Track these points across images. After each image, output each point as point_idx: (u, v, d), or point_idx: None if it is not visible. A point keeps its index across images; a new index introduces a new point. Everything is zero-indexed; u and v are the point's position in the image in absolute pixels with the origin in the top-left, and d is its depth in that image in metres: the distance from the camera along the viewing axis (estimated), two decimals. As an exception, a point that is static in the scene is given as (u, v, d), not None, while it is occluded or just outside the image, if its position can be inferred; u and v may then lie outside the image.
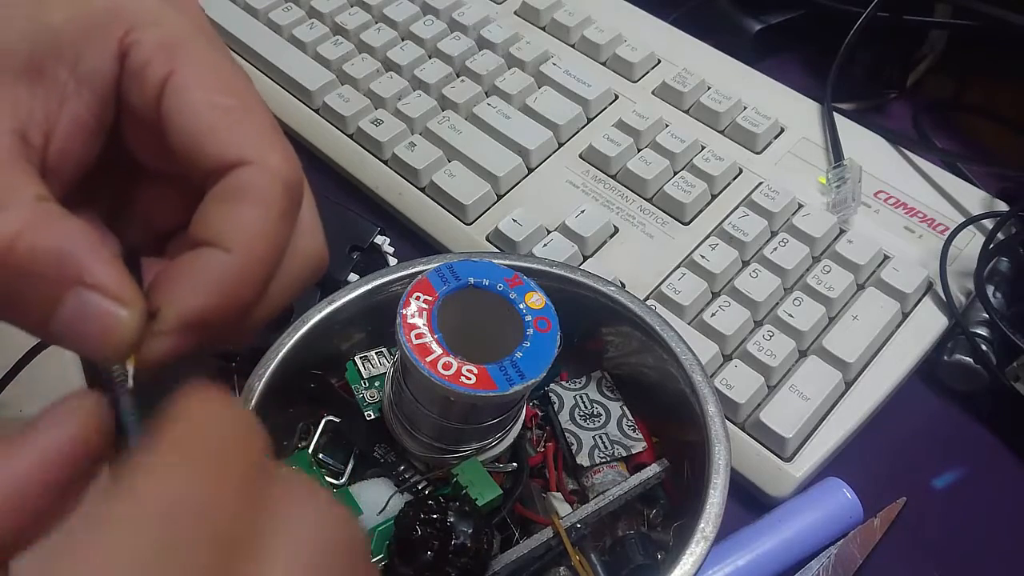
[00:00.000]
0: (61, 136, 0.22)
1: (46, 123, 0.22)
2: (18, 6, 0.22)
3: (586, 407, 0.36)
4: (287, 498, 0.18)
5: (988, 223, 0.45)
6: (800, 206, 0.46)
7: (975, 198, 0.47)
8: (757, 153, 0.49)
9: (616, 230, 0.45)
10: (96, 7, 0.22)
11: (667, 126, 0.49)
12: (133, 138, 0.24)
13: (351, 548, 0.19)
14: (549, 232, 0.45)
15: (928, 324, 0.42)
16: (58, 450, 0.18)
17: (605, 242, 0.45)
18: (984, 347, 0.40)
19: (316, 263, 0.24)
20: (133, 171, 0.25)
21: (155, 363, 0.21)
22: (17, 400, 0.40)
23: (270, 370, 0.33)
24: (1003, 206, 0.46)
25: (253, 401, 0.32)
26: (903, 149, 0.50)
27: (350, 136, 0.50)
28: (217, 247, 0.21)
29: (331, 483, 0.32)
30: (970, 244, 0.45)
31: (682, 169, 0.47)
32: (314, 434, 0.34)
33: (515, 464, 0.34)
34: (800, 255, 0.43)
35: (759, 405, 0.39)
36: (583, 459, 0.34)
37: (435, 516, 0.29)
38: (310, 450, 0.34)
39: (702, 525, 0.29)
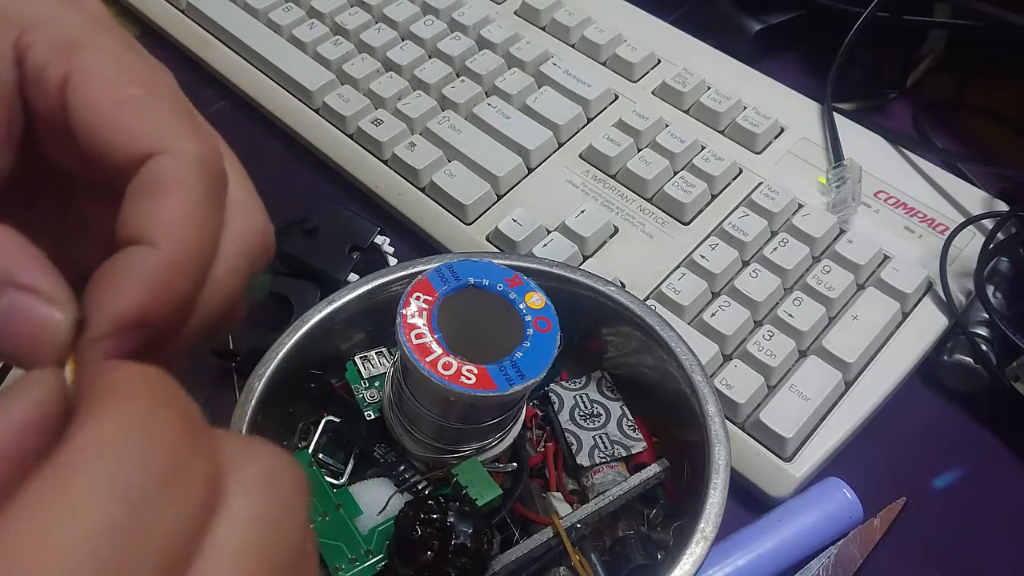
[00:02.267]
0: None
1: None
2: None
3: (586, 407, 0.36)
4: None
5: (988, 223, 0.45)
6: (800, 206, 0.46)
7: (975, 198, 0.47)
8: (757, 153, 0.49)
9: (616, 230, 0.45)
10: None
11: (667, 126, 0.49)
12: (50, 147, 0.23)
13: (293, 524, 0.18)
14: (549, 232, 0.45)
15: (928, 324, 0.42)
16: (21, 418, 0.17)
17: (605, 242, 0.45)
18: (984, 347, 0.40)
19: (259, 239, 0.23)
20: (66, 185, 0.24)
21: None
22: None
23: (270, 370, 0.33)
24: (1003, 206, 0.46)
25: (253, 401, 0.32)
26: (903, 149, 0.50)
27: (350, 136, 0.50)
28: (142, 243, 0.20)
29: (331, 483, 0.32)
30: (970, 244, 0.45)
31: (682, 169, 0.47)
32: (314, 434, 0.34)
33: (515, 464, 0.34)
34: (800, 255, 0.43)
35: (759, 405, 0.39)
36: (583, 459, 0.34)
37: (435, 516, 0.29)
38: (310, 450, 0.34)
39: (702, 525, 0.29)
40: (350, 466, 0.34)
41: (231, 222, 0.22)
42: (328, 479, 0.32)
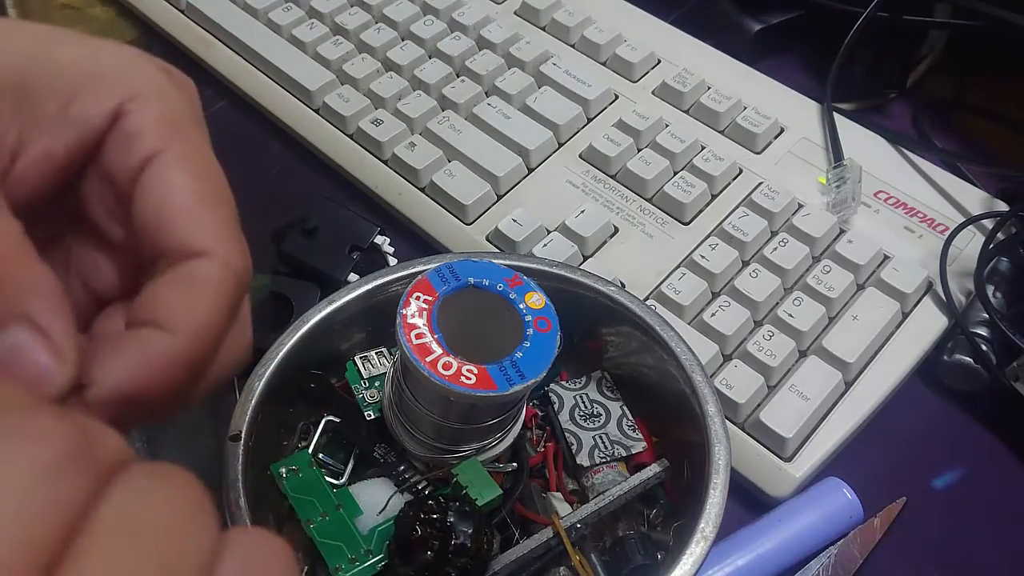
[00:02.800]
0: (26, 161, 0.22)
1: (17, 145, 0.22)
2: (27, 36, 0.23)
3: (586, 407, 0.36)
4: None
5: (988, 223, 0.45)
6: (800, 206, 0.46)
7: (975, 198, 0.47)
8: (757, 153, 0.49)
9: (616, 230, 0.45)
10: (105, 62, 0.23)
11: (667, 126, 0.49)
12: (93, 194, 0.24)
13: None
14: (549, 232, 0.45)
15: (928, 324, 0.42)
16: None
17: (605, 242, 0.45)
18: (984, 347, 0.40)
19: (244, 352, 0.24)
20: (77, 227, 0.25)
21: (105, 395, 0.20)
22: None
23: (270, 370, 0.33)
24: (1003, 206, 0.46)
25: (253, 401, 0.32)
26: (903, 149, 0.50)
27: (350, 136, 0.50)
28: (163, 329, 0.21)
29: (331, 483, 0.32)
30: (970, 244, 0.45)
31: (682, 169, 0.47)
32: (314, 434, 0.34)
33: (515, 464, 0.34)
34: (800, 255, 0.43)
35: (759, 405, 0.39)
36: (583, 459, 0.34)
37: (435, 516, 0.29)
38: (310, 450, 0.34)
39: (702, 525, 0.29)
40: (350, 466, 0.34)
41: (230, 332, 0.23)
42: (328, 479, 0.32)
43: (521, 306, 0.31)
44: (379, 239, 0.43)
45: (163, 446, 0.39)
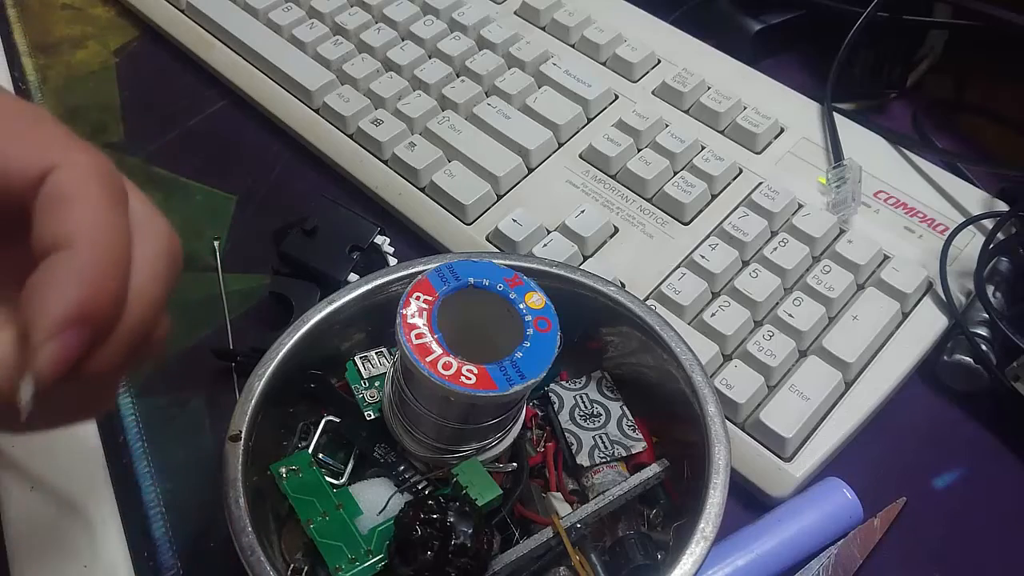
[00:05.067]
0: None
1: None
2: None
3: (586, 407, 0.36)
4: None
5: (988, 223, 0.45)
6: (800, 206, 0.46)
7: (975, 198, 0.47)
8: (757, 153, 0.49)
9: (616, 230, 0.45)
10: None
11: (667, 126, 0.49)
12: None
13: None
14: (549, 232, 0.45)
15: (928, 324, 0.42)
16: None
17: (605, 242, 0.45)
18: (984, 347, 0.40)
19: (167, 246, 0.25)
20: None
21: (51, 374, 0.21)
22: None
23: (270, 370, 0.33)
24: (1003, 206, 0.46)
25: (253, 401, 0.32)
26: (903, 149, 0.50)
27: (350, 136, 0.50)
28: (60, 249, 0.22)
29: (331, 483, 0.32)
30: (970, 244, 0.45)
31: (682, 169, 0.47)
32: (314, 434, 0.34)
33: (515, 464, 0.34)
34: (800, 255, 0.43)
35: (759, 405, 0.39)
36: (583, 459, 0.34)
37: (435, 516, 0.29)
38: (310, 450, 0.34)
39: (702, 525, 0.29)
40: (350, 466, 0.34)
41: (138, 231, 0.24)
42: (328, 479, 0.33)
43: (521, 306, 0.31)
44: (379, 239, 0.43)
45: (163, 446, 0.39)
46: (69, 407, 0.25)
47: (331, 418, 0.34)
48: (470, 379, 0.28)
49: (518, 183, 0.48)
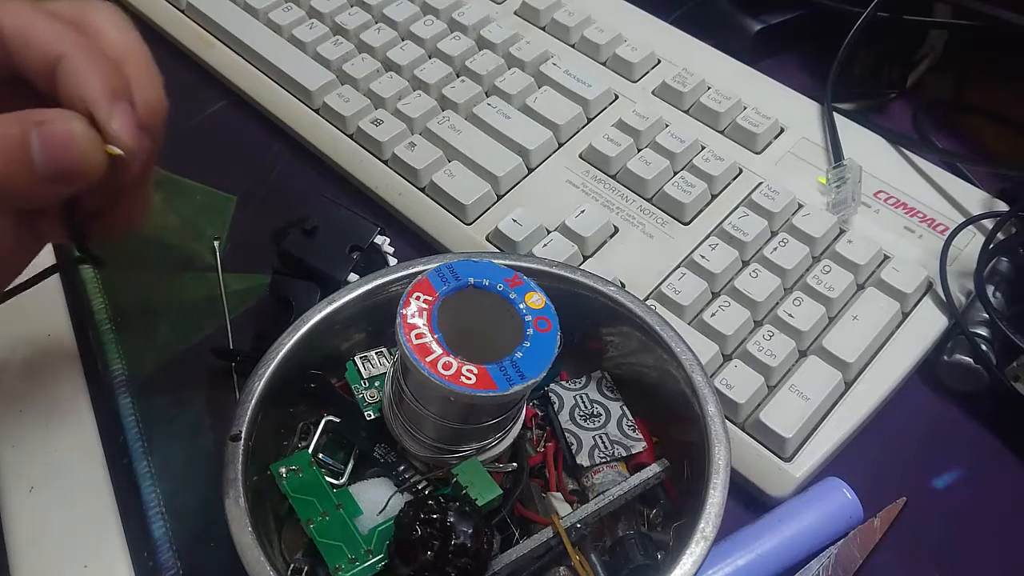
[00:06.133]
0: None
1: None
2: None
3: (586, 407, 0.36)
4: None
5: (988, 223, 0.45)
6: (800, 206, 0.46)
7: (975, 198, 0.47)
8: (757, 153, 0.49)
9: (616, 230, 0.45)
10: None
11: (667, 126, 0.49)
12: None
13: None
14: (549, 232, 0.45)
15: (928, 324, 0.42)
16: None
17: (605, 242, 0.45)
18: (984, 347, 0.40)
19: (157, 95, 0.33)
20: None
21: (126, 131, 0.29)
22: (18, 398, 0.40)
23: (270, 370, 0.33)
24: (1003, 206, 0.46)
25: (253, 401, 0.32)
26: (903, 149, 0.50)
27: (350, 136, 0.50)
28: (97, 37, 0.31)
29: (331, 483, 0.32)
30: (970, 244, 0.45)
31: (682, 169, 0.47)
32: (314, 434, 0.34)
33: (515, 464, 0.34)
34: (800, 255, 0.43)
35: (759, 405, 0.39)
36: (583, 459, 0.34)
37: (435, 516, 0.29)
38: (310, 450, 0.34)
39: (702, 525, 0.29)
40: (350, 466, 0.34)
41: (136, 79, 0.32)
42: (328, 479, 0.33)
43: (521, 306, 0.31)
44: (379, 239, 0.43)
45: (163, 446, 0.39)
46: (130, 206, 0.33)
47: (331, 418, 0.34)
48: (470, 379, 0.28)
49: (518, 183, 0.48)
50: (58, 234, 0.32)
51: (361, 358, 0.36)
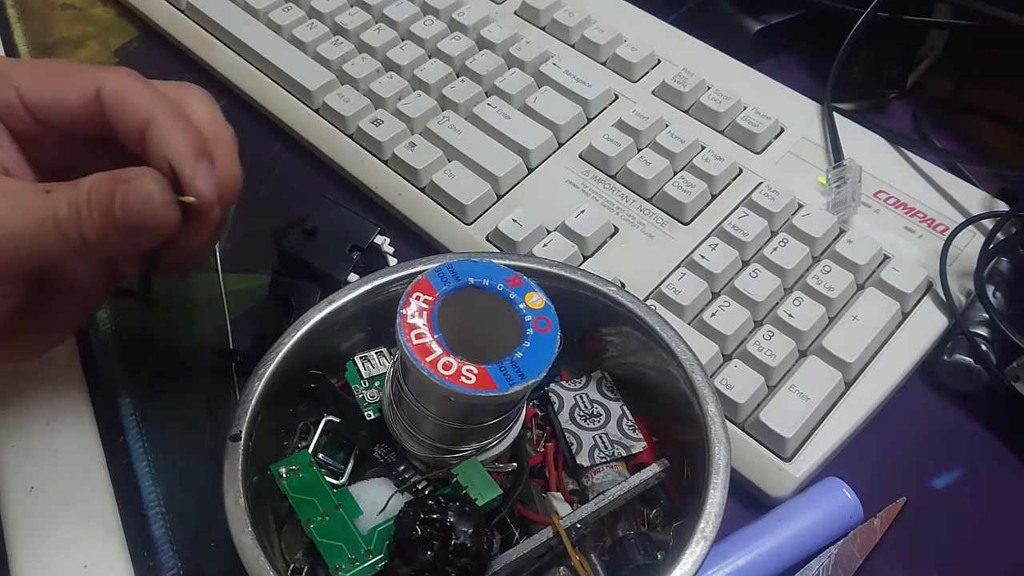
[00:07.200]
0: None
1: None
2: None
3: (586, 407, 0.36)
4: None
5: (988, 223, 0.45)
6: (800, 206, 0.46)
7: (975, 198, 0.47)
8: (757, 153, 0.49)
9: (616, 230, 0.45)
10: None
11: (667, 126, 0.49)
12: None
13: None
14: (549, 232, 0.45)
15: (928, 324, 0.42)
16: None
17: (605, 242, 0.45)
18: (984, 347, 0.40)
19: (235, 176, 0.35)
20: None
21: (207, 189, 0.32)
22: (18, 398, 0.40)
23: (270, 370, 0.33)
24: (1003, 206, 0.46)
25: (253, 401, 0.32)
26: (903, 149, 0.50)
27: (350, 136, 0.50)
28: (146, 122, 0.32)
29: (331, 483, 0.32)
30: (970, 244, 0.45)
31: (682, 169, 0.47)
32: (314, 434, 0.34)
33: (515, 464, 0.34)
34: (800, 255, 0.43)
35: (759, 405, 0.39)
36: (583, 459, 0.34)
37: (435, 516, 0.29)
38: (310, 450, 0.34)
39: (702, 525, 0.29)
40: (350, 466, 0.34)
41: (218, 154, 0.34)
42: (328, 479, 0.33)
43: (521, 306, 0.31)
44: (379, 239, 0.43)
45: (163, 446, 0.39)
46: (192, 250, 0.34)
47: (331, 418, 0.34)
48: (470, 379, 0.28)
49: (518, 183, 0.48)
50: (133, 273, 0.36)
51: (361, 358, 0.36)
